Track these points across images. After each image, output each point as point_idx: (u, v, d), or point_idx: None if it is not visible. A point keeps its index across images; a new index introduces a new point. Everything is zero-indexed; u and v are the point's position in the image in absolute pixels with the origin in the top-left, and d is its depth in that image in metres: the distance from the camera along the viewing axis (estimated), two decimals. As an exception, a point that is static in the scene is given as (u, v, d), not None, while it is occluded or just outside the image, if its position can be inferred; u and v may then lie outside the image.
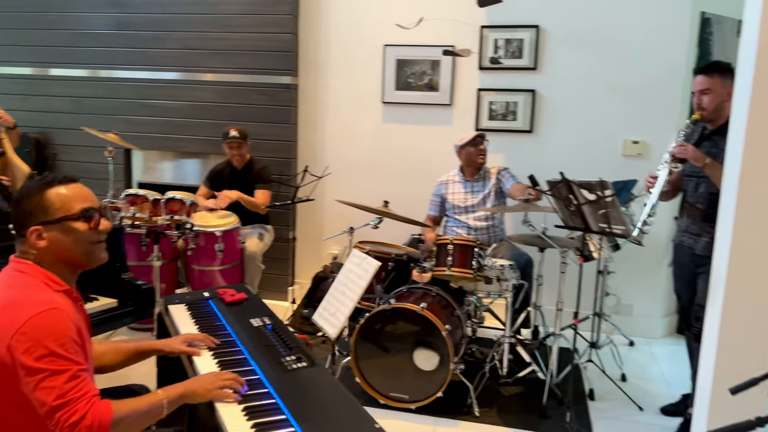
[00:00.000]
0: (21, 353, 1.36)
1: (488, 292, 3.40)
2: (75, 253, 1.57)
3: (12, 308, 1.41)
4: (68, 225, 1.55)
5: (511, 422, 3.02)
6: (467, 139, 3.82)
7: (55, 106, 4.91)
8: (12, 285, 1.48)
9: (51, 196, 1.54)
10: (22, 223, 1.53)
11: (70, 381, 1.39)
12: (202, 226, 3.89)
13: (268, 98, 4.49)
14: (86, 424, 1.37)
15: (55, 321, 1.41)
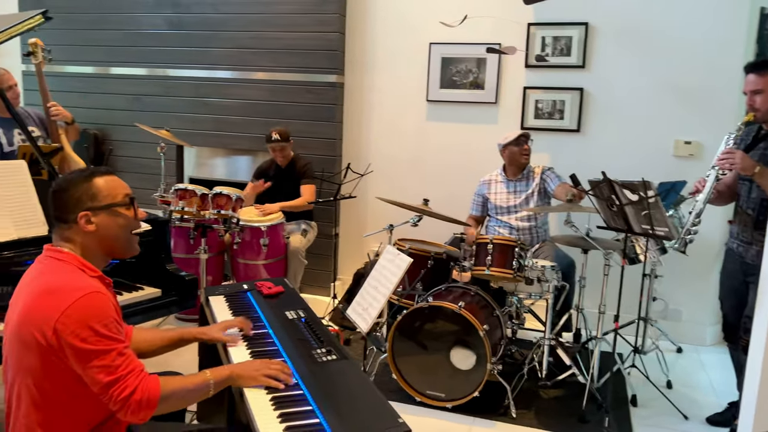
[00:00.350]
0: (68, 335, 1.44)
1: (529, 293, 3.36)
2: (118, 239, 1.66)
3: (54, 293, 1.48)
4: (115, 210, 1.64)
5: (548, 425, 2.98)
6: (511, 138, 3.77)
7: (113, 103, 5.11)
8: (50, 272, 1.56)
9: (98, 183, 1.64)
10: (68, 209, 1.61)
11: (118, 358, 1.47)
12: (247, 221, 3.99)
13: (314, 96, 4.55)
14: (136, 398, 1.46)
15: (97, 304, 1.49)
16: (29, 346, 1.47)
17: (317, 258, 4.58)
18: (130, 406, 1.46)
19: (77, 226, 1.61)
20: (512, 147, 3.78)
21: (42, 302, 1.48)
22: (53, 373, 1.48)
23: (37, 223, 2.30)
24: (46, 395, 1.50)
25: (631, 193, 2.50)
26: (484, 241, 3.29)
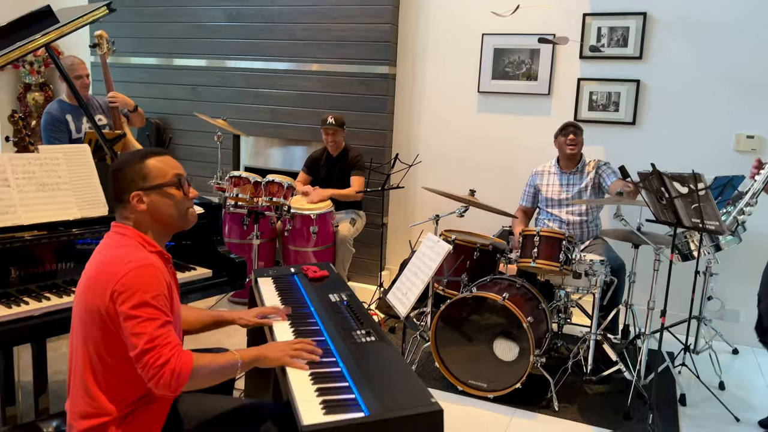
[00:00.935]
0: (120, 302, 1.54)
1: (577, 287, 3.32)
2: (171, 217, 1.74)
3: (113, 263, 1.59)
4: (164, 191, 1.72)
5: (591, 420, 2.95)
6: (558, 128, 3.72)
7: (174, 93, 5.32)
8: (113, 246, 1.67)
9: (149, 165, 1.72)
10: (123, 189, 1.70)
11: (159, 329, 1.54)
12: (298, 208, 4.09)
13: (366, 88, 4.61)
14: (170, 368, 1.52)
15: (148, 275, 1.58)
16: (91, 313, 1.58)
17: (365, 247, 4.65)
18: (162, 376, 1.51)
19: (131, 205, 1.70)
20: (560, 137, 3.74)
21: (103, 272, 1.59)
22: (110, 340, 1.58)
23: (99, 204, 2.44)
24: (103, 361, 1.60)
25: (681, 186, 2.43)
26: (531, 233, 3.27)
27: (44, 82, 5.71)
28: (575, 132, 3.70)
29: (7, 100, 5.62)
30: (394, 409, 1.50)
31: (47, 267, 2.19)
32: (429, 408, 1.51)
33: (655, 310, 3.12)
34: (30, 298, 2.08)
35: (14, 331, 1.97)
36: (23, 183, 2.23)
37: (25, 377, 2.85)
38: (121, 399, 1.62)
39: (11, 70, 5.59)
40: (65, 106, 3.58)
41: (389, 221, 4.85)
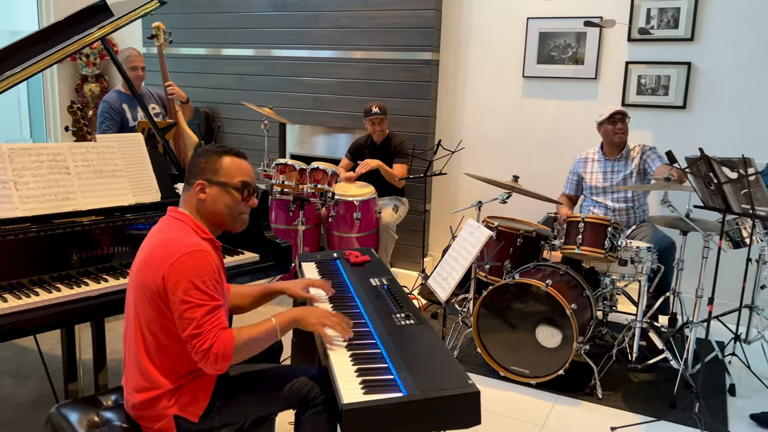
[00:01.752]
0: (171, 285, 1.63)
1: (622, 274, 3.27)
2: (223, 215, 1.81)
3: (166, 246, 1.68)
4: (226, 189, 1.80)
5: (635, 408, 2.92)
6: (605, 115, 3.64)
7: (222, 83, 5.44)
8: (168, 229, 1.76)
9: (223, 161, 1.81)
10: (193, 174, 1.80)
11: (207, 315, 1.63)
12: (342, 195, 4.15)
13: (409, 74, 4.62)
14: (214, 351, 1.62)
15: (199, 261, 1.66)
16: (144, 292, 1.68)
17: (408, 234, 4.68)
18: (208, 359, 1.62)
19: (193, 190, 1.80)
20: (606, 125, 3.65)
21: (156, 254, 1.68)
22: (161, 318, 1.68)
23: (152, 190, 2.54)
24: (155, 337, 1.70)
25: (730, 171, 2.37)
26: (575, 219, 3.24)
27: (100, 73, 5.93)
28: (623, 119, 3.61)
29: (65, 91, 5.87)
30: (431, 389, 1.54)
31: (104, 250, 2.31)
32: (466, 389, 1.55)
33: (703, 298, 3.06)
34: (89, 280, 2.21)
35: (76, 311, 2.09)
36: (82, 170, 2.35)
37: (86, 355, 3.01)
38: (172, 373, 1.72)
39: (69, 63, 5.83)
40: (122, 96, 3.72)
41: (432, 208, 4.86)
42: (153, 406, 1.71)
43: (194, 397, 1.73)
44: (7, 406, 2.78)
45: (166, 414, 1.71)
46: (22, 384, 2.99)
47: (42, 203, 2.21)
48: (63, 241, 2.18)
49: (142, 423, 1.74)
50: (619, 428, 2.75)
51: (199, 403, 1.73)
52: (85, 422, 1.79)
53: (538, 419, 2.82)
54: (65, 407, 1.85)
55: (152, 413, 1.71)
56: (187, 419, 1.72)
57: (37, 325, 2.00)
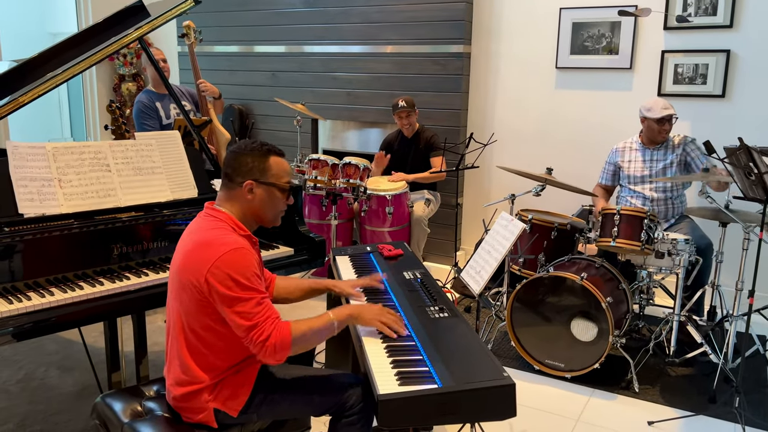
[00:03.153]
0: (216, 283, 1.65)
1: (659, 267, 3.22)
2: (267, 213, 1.86)
3: (207, 246, 1.71)
4: (274, 190, 1.84)
5: (673, 402, 2.88)
6: (656, 115, 3.49)
7: (255, 80, 5.51)
8: (207, 228, 1.78)
9: (270, 162, 1.84)
10: (240, 173, 1.81)
11: (257, 306, 1.67)
12: (374, 189, 4.17)
13: (440, 68, 4.60)
14: (272, 342, 1.66)
15: (241, 258, 1.69)
16: (186, 289, 1.72)
17: (440, 227, 4.68)
18: (267, 349, 1.65)
19: (240, 189, 1.81)
20: (652, 122, 3.53)
21: (197, 253, 1.71)
22: (202, 314, 1.72)
23: (189, 186, 2.60)
24: (195, 334, 1.75)
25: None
26: (611, 211, 3.20)
27: (136, 72, 6.05)
28: (671, 120, 3.50)
29: (104, 91, 6.01)
30: (466, 381, 1.55)
31: (144, 245, 2.37)
32: (502, 381, 1.55)
33: (743, 291, 2.99)
34: (130, 274, 2.27)
35: (118, 304, 2.15)
36: (122, 168, 2.42)
37: (127, 347, 3.10)
38: (213, 369, 1.76)
39: (107, 63, 5.97)
40: (153, 95, 3.80)
41: (464, 201, 4.85)
42: (193, 399, 1.76)
43: (234, 392, 1.77)
44: (54, 396, 2.89)
45: (206, 407, 1.75)
46: (68, 375, 3.10)
47: (84, 200, 2.28)
48: (104, 237, 2.25)
49: (183, 414, 1.79)
50: (656, 422, 2.71)
51: (239, 399, 1.77)
52: (128, 411, 1.85)
53: (574, 413, 2.81)
54: (109, 397, 1.92)
55: (193, 405, 1.76)
56: (227, 413, 1.76)
57: (82, 318, 2.07)
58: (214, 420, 1.76)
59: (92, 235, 2.21)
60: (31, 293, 2.03)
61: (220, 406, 1.75)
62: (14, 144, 2.19)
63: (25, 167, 2.18)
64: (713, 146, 2.64)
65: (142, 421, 1.81)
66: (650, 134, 3.59)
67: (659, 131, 3.53)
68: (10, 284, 2.02)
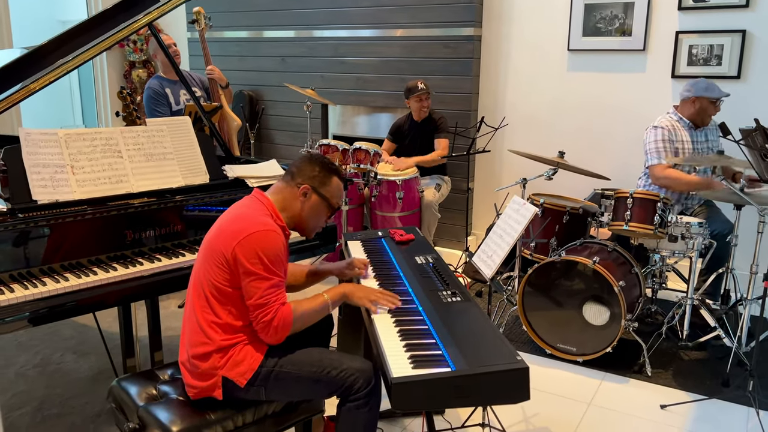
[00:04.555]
0: (242, 257, 1.76)
1: (672, 250, 3.19)
2: (309, 222, 1.98)
3: (242, 220, 1.81)
4: (324, 205, 1.97)
5: (686, 386, 2.87)
6: (713, 95, 3.37)
7: (265, 65, 5.49)
8: (248, 206, 1.90)
9: (333, 181, 1.98)
10: (302, 174, 1.94)
11: (271, 288, 1.77)
12: (384, 175, 4.16)
13: (450, 51, 4.56)
14: (274, 324, 1.77)
15: (269, 239, 1.78)
16: (214, 256, 1.81)
17: (451, 212, 4.67)
18: (269, 330, 1.78)
19: (296, 189, 1.93)
20: (705, 102, 3.40)
21: (232, 225, 1.81)
22: (221, 279, 1.80)
23: (200, 172, 2.60)
24: (212, 294, 1.82)
25: (789, 142, 2.28)
26: (623, 195, 3.17)
27: (146, 59, 6.05)
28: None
29: (115, 77, 6.02)
30: (479, 365, 1.55)
31: (157, 231, 2.38)
32: (515, 365, 1.55)
33: (758, 274, 2.96)
34: (143, 259, 2.28)
35: (132, 289, 2.17)
36: (134, 154, 2.42)
37: (141, 332, 3.13)
38: (224, 329, 1.82)
39: (117, 49, 5.97)
40: (163, 81, 3.80)
41: (475, 186, 4.83)
42: (204, 362, 1.80)
43: (243, 360, 1.82)
44: (71, 380, 2.92)
45: (215, 373, 1.80)
46: (84, 360, 3.13)
47: (97, 186, 2.29)
48: (117, 223, 2.26)
49: (194, 381, 1.82)
50: (669, 406, 2.71)
51: (248, 368, 1.81)
52: (144, 395, 1.87)
53: (586, 396, 2.81)
54: (125, 381, 1.94)
55: (203, 369, 1.81)
56: (235, 383, 1.80)
57: (96, 303, 2.09)
58: (221, 390, 1.80)
59: (105, 221, 2.22)
60: (46, 279, 2.05)
61: (229, 374, 1.80)
62: (27, 131, 2.20)
63: (37, 154, 2.19)
64: (728, 128, 2.61)
65: (157, 404, 1.83)
66: (701, 115, 3.45)
67: (712, 111, 3.44)
68: (25, 270, 2.04)
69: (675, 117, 3.55)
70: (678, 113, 3.53)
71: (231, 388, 1.81)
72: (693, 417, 2.64)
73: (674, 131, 3.49)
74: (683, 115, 3.52)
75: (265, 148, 5.68)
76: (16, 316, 1.91)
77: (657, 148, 3.47)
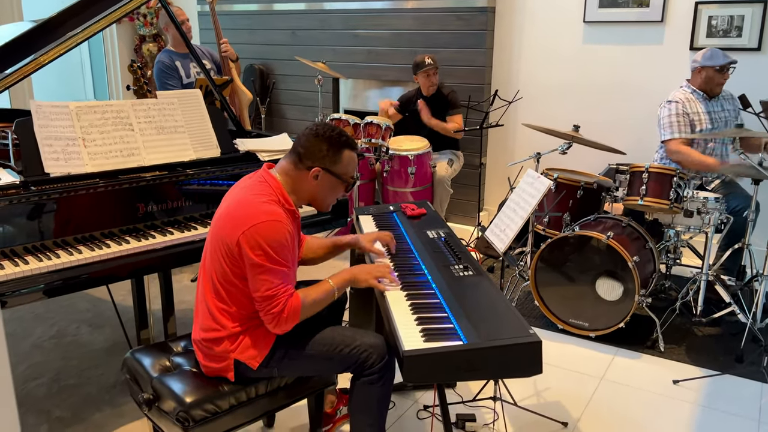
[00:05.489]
0: (247, 248, 1.71)
1: (688, 226, 3.15)
2: (325, 200, 1.92)
3: (247, 209, 1.75)
4: (338, 182, 1.89)
5: (699, 361, 2.86)
6: (718, 63, 3.31)
7: (275, 38, 5.44)
8: (254, 191, 1.81)
9: (344, 155, 1.87)
10: (311, 155, 1.84)
11: (279, 278, 1.73)
12: (396, 149, 4.13)
13: (464, 23, 4.49)
14: (284, 316, 1.74)
15: (274, 230, 1.72)
16: (219, 244, 1.78)
17: (463, 188, 4.63)
18: (278, 321, 1.75)
19: (306, 173, 1.84)
20: (710, 71, 3.35)
21: (237, 212, 1.76)
22: (228, 268, 1.77)
23: (212, 146, 2.59)
24: (221, 283, 1.80)
25: (812, 114, 2.22)
26: (639, 169, 3.13)
27: (157, 33, 6.01)
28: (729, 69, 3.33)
29: (125, 51, 6.00)
30: (491, 338, 1.54)
31: (168, 205, 2.38)
32: (528, 338, 1.54)
33: (775, 250, 2.93)
34: (156, 233, 2.29)
35: (144, 262, 2.18)
36: (145, 127, 2.41)
37: (155, 306, 3.16)
38: (235, 318, 1.81)
39: (127, 23, 5.94)
40: (173, 54, 3.77)
41: (488, 161, 4.78)
42: (216, 346, 1.80)
43: (255, 344, 1.81)
44: (86, 352, 2.96)
45: (227, 357, 1.80)
46: (98, 332, 3.17)
47: (108, 159, 2.28)
48: (129, 196, 2.26)
49: (206, 360, 1.83)
50: (681, 381, 2.70)
51: (260, 352, 1.81)
52: (157, 366, 1.89)
53: (598, 371, 2.80)
54: (139, 352, 1.96)
55: (215, 352, 1.81)
56: (247, 365, 1.80)
57: (109, 275, 2.10)
58: (233, 372, 1.80)
59: (117, 194, 2.22)
60: (59, 251, 2.06)
61: (241, 357, 1.80)
62: (38, 103, 2.20)
63: (49, 126, 2.19)
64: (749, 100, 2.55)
65: (170, 375, 1.84)
66: (710, 85, 3.40)
67: (717, 82, 3.37)
68: (39, 242, 2.05)
69: (688, 90, 3.49)
70: (690, 85, 3.48)
71: (243, 370, 1.81)
72: (706, 392, 2.63)
73: (688, 104, 3.43)
74: (695, 87, 3.47)
75: (276, 123, 5.65)
76: (32, 288, 1.93)
77: (671, 123, 3.42)
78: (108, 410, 2.48)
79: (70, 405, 2.52)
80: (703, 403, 2.55)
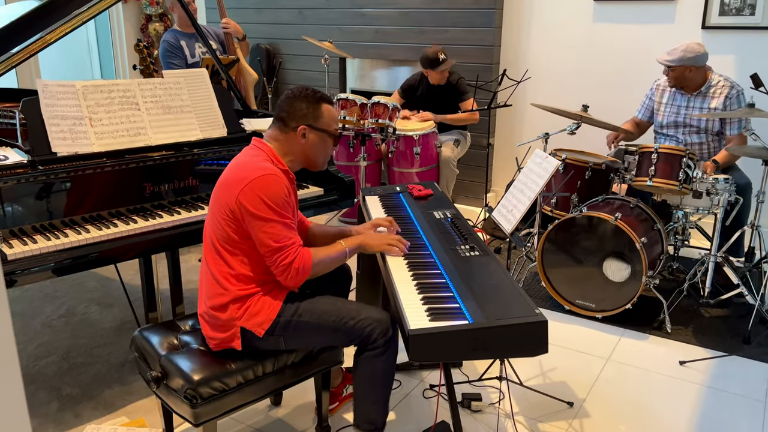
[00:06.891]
0: (247, 204, 1.75)
1: (696, 207, 3.13)
2: (318, 157, 1.96)
3: (243, 169, 1.81)
4: (325, 136, 1.94)
5: (706, 343, 2.85)
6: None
7: (282, 18, 5.39)
8: (247, 155, 1.88)
9: (324, 109, 1.92)
10: (293, 117, 1.90)
11: (284, 230, 1.78)
12: (402, 130, 4.10)
13: (472, 2, 4.43)
14: (295, 266, 1.78)
15: (272, 183, 1.77)
16: (221, 209, 1.81)
17: (471, 169, 4.61)
18: (289, 272, 1.78)
19: (294, 133, 1.90)
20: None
21: (233, 176, 1.81)
22: (231, 230, 1.80)
23: (218, 126, 2.58)
24: (224, 247, 1.83)
25: (826, 94, 2.18)
26: (648, 150, 3.10)
27: (163, 12, 5.98)
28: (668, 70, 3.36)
29: (131, 31, 5.97)
30: (497, 317, 1.54)
31: (175, 184, 2.38)
32: (533, 318, 1.54)
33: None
34: (163, 212, 2.29)
35: (152, 242, 2.19)
36: (151, 106, 2.41)
37: (162, 285, 3.18)
38: (239, 280, 1.83)
39: (133, 3, 5.90)
40: (179, 34, 3.75)
41: (495, 141, 4.75)
42: (222, 313, 1.82)
43: (261, 310, 1.83)
44: (96, 331, 2.99)
45: (233, 324, 1.82)
46: (107, 311, 3.20)
47: (115, 138, 2.28)
48: (136, 176, 2.26)
49: (213, 333, 1.85)
50: (688, 362, 2.70)
51: (266, 318, 1.82)
52: (165, 344, 1.90)
53: (604, 352, 2.81)
54: (147, 331, 1.97)
55: (221, 321, 1.83)
56: (254, 333, 1.82)
57: (117, 254, 2.11)
58: (240, 340, 1.82)
59: (124, 173, 2.23)
60: (68, 230, 2.07)
61: (248, 325, 1.82)
62: (44, 82, 2.19)
63: (55, 106, 2.18)
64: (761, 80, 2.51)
65: (178, 353, 1.86)
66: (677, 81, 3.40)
67: (669, 77, 3.38)
68: (48, 222, 2.06)
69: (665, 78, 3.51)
70: None
71: (250, 338, 1.83)
72: (712, 374, 2.63)
73: (658, 91, 3.57)
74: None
75: (283, 103, 5.62)
76: (41, 267, 1.94)
77: (642, 101, 3.68)
78: (117, 388, 2.51)
79: (79, 383, 2.55)
80: (710, 384, 2.55)
